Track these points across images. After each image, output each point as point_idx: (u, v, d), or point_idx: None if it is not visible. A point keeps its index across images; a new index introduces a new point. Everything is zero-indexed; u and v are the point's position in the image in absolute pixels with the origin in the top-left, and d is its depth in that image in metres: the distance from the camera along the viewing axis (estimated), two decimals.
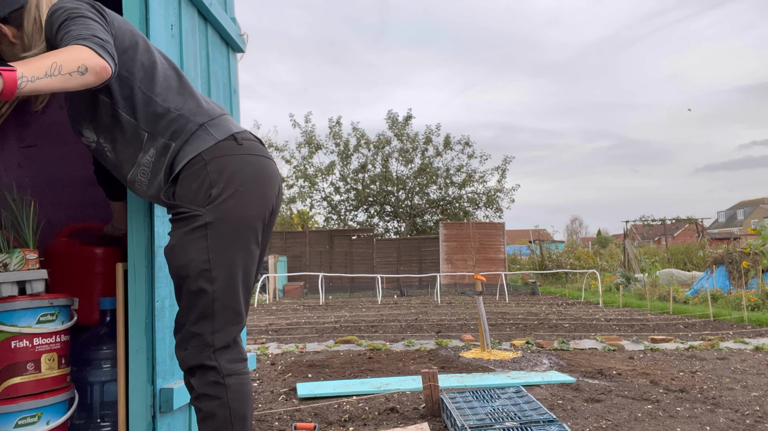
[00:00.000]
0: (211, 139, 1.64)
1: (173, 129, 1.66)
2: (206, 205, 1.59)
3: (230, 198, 1.60)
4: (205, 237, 1.58)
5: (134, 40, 1.72)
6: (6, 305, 2.18)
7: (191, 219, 1.60)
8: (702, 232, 24.09)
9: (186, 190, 1.62)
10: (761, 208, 55.91)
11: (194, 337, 1.61)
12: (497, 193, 24.20)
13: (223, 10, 2.87)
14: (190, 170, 1.63)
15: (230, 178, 1.61)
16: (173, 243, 1.65)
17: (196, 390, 1.64)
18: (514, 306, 11.77)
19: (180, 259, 1.61)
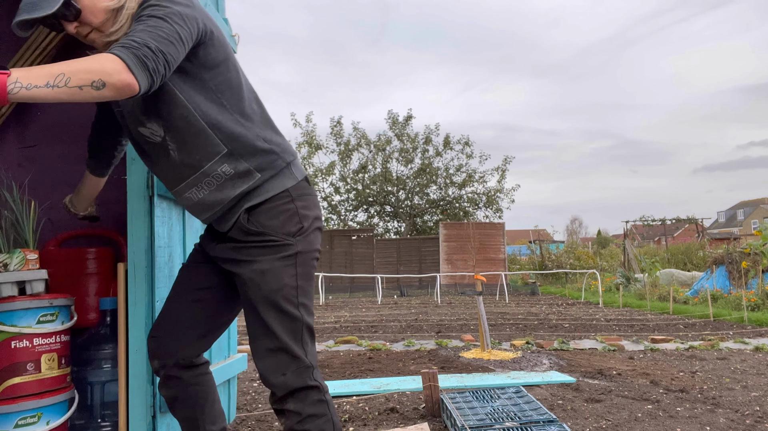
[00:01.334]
0: (293, 178, 1.76)
1: (261, 160, 1.70)
2: (296, 236, 1.71)
3: (312, 232, 1.76)
4: (295, 266, 1.70)
5: (227, 53, 1.70)
6: (6, 305, 2.18)
7: (283, 248, 1.69)
8: (702, 232, 24.09)
9: (275, 221, 1.70)
10: (761, 208, 55.94)
11: (293, 361, 1.67)
12: (497, 193, 24.20)
13: (215, 10, 2.87)
14: (276, 202, 1.71)
15: (312, 215, 1.77)
16: (265, 268, 1.66)
17: (303, 413, 1.66)
18: (514, 307, 11.77)
19: (272, 284, 1.67)
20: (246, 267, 1.67)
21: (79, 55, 3.08)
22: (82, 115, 3.09)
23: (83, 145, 3.16)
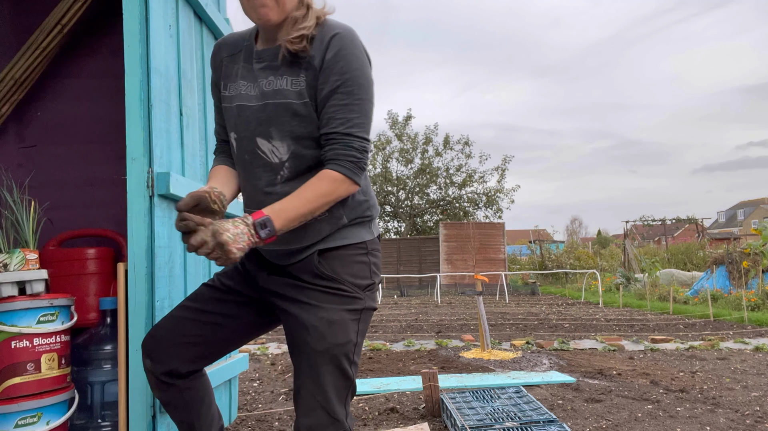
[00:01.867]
0: (371, 233, 1.70)
1: (354, 209, 1.64)
2: (365, 291, 1.64)
3: (376, 289, 1.72)
4: (358, 322, 1.61)
5: None
6: (6, 305, 2.18)
7: (352, 300, 1.60)
8: (702, 232, 24.09)
9: (348, 270, 1.61)
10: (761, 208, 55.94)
11: (334, 423, 1.55)
12: (497, 193, 24.21)
13: (217, 10, 2.87)
14: (352, 251, 1.64)
15: (379, 273, 1.72)
16: (334, 318, 1.55)
17: None
18: (514, 307, 11.77)
19: (339, 337, 1.56)
20: (310, 311, 1.55)
21: (79, 55, 3.10)
22: (82, 115, 3.09)
23: (83, 145, 3.18)
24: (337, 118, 1.50)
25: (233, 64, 1.65)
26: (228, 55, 1.68)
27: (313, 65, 1.51)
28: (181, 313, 1.72)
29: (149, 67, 2.11)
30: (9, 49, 2.98)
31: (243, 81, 1.61)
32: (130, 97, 2.08)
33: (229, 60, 1.67)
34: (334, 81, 1.49)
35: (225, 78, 1.66)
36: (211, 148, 2.73)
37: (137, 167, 2.09)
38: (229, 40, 1.71)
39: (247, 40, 1.65)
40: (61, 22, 2.69)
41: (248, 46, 1.63)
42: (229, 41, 1.70)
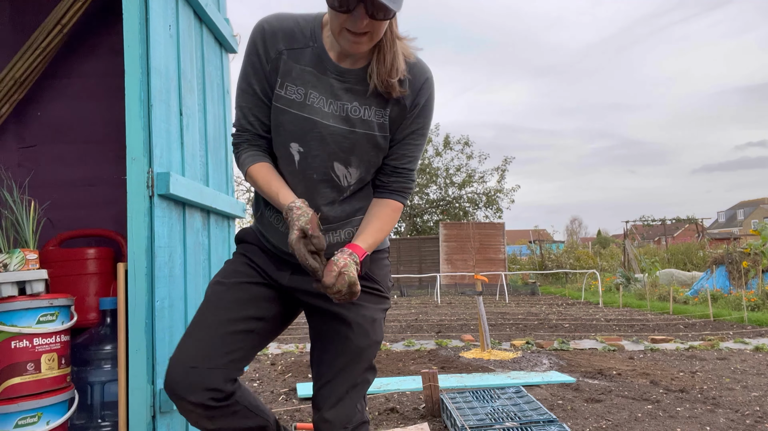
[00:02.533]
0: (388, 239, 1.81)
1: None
2: (389, 291, 1.77)
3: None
4: (383, 320, 1.72)
5: None
6: (6, 305, 2.18)
7: (384, 301, 1.72)
8: (702, 232, 24.08)
9: (381, 272, 1.72)
10: (761, 208, 55.92)
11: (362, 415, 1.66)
12: (497, 194, 24.21)
13: (217, 10, 2.87)
14: (381, 256, 1.75)
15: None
16: (376, 317, 1.65)
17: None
18: (514, 307, 11.77)
19: (378, 335, 1.67)
20: (352, 309, 1.59)
21: (79, 55, 3.10)
22: (82, 115, 3.09)
23: (83, 145, 3.18)
24: (408, 155, 1.62)
25: (295, 63, 1.52)
26: (288, 48, 1.52)
27: (403, 104, 1.54)
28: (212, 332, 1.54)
29: (149, 67, 2.11)
30: (9, 49, 2.98)
31: (315, 92, 1.51)
32: (130, 97, 2.07)
33: (290, 56, 1.52)
34: (418, 123, 1.58)
35: (284, 75, 1.52)
36: (211, 148, 2.73)
37: (137, 167, 2.09)
38: (284, 26, 1.53)
39: (311, 40, 1.52)
40: (61, 22, 2.69)
41: (318, 51, 1.52)
42: (286, 29, 1.53)
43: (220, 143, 2.90)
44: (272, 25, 1.54)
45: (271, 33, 1.53)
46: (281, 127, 1.54)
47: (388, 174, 1.63)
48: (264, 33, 1.53)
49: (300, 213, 1.44)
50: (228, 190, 2.98)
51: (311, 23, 1.54)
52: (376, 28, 1.38)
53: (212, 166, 2.74)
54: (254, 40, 1.54)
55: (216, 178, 2.80)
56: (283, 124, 1.54)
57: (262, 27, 1.54)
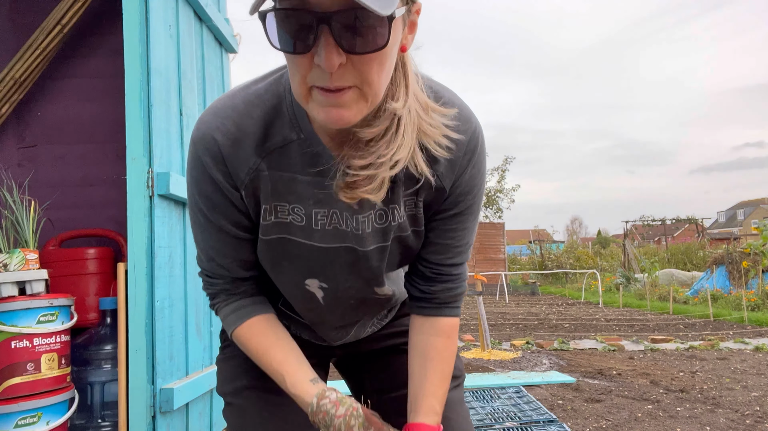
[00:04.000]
0: None
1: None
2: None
3: None
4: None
5: None
6: (6, 305, 2.18)
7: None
8: (702, 232, 24.08)
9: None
10: (761, 208, 55.91)
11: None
12: (497, 194, 24.22)
13: (217, 11, 2.87)
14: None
15: None
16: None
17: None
18: (514, 307, 11.76)
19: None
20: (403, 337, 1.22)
21: (79, 55, 3.10)
22: (82, 115, 3.09)
23: (83, 145, 3.18)
24: (455, 246, 1.07)
25: (280, 172, 0.96)
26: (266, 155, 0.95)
27: (440, 186, 1.00)
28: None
29: (149, 67, 2.11)
30: (9, 49, 2.98)
31: (320, 209, 0.99)
32: (130, 97, 2.08)
33: (271, 164, 0.96)
34: (463, 204, 1.04)
35: (269, 198, 0.98)
36: None
37: (137, 167, 2.09)
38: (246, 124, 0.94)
39: (293, 127, 0.94)
40: (61, 22, 2.69)
41: (308, 142, 0.94)
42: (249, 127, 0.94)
43: None
44: (228, 131, 0.93)
45: (231, 144, 0.93)
46: (282, 265, 1.06)
47: (430, 278, 1.09)
48: (220, 148, 0.93)
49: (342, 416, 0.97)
50: None
51: (281, 95, 0.94)
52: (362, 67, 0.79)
53: None
54: (204, 163, 0.95)
55: None
56: (283, 261, 1.05)
57: (212, 139, 0.93)
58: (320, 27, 0.74)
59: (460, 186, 1.01)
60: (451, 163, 0.99)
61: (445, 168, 0.99)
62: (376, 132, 0.88)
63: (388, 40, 0.77)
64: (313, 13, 0.74)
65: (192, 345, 2.39)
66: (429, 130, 0.93)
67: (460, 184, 1.01)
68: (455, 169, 1.00)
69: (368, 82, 0.80)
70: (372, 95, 0.82)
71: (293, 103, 0.94)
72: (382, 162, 0.88)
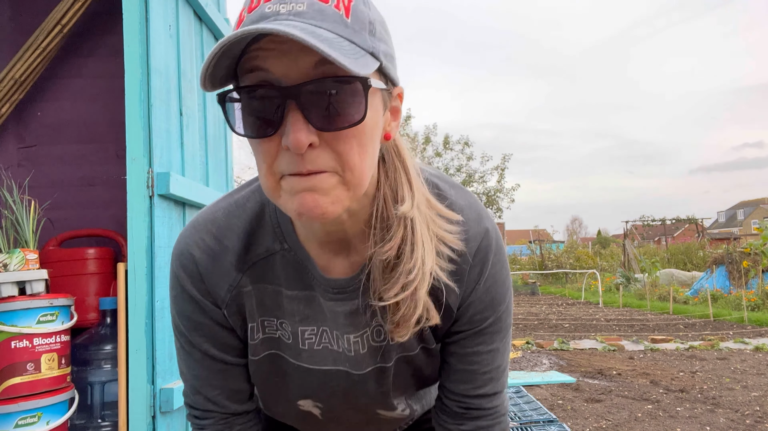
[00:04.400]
0: None
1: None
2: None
3: None
4: None
5: None
6: (6, 305, 2.18)
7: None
8: (702, 232, 24.08)
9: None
10: (761, 208, 55.92)
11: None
12: (497, 193, 24.24)
13: (217, 10, 2.87)
14: None
15: None
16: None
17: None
18: (514, 306, 11.77)
19: None
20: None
21: (79, 55, 3.10)
22: (82, 115, 3.09)
23: (83, 145, 3.18)
24: (482, 372, 0.90)
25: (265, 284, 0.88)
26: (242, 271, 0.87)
27: (444, 302, 0.85)
28: None
29: (149, 67, 2.11)
30: (9, 49, 2.98)
31: (307, 326, 0.89)
32: (130, 97, 2.08)
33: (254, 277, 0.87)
34: (479, 321, 0.88)
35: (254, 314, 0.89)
36: (211, 147, 2.73)
37: (137, 167, 2.09)
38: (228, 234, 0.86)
39: (276, 236, 0.85)
40: (61, 23, 2.69)
41: (293, 253, 0.85)
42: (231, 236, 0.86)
43: (220, 143, 2.90)
44: (206, 246, 0.86)
45: (210, 260, 0.86)
46: (272, 382, 0.95)
47: (458, 413, 0.92)
48: (197, 265, 0.86)
49: None
50: (228, 190, 2.98)
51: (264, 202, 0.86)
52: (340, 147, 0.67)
53: (212, 165, 2.75)
54: (181, 280, 0.88)
55: (216, 178, 2.80)
56: (274, 378, 0.94)
57: (189, 255, 0.86)
58: (287, 103, 0.64)
59: (473, 305, 0.86)
60: (457, 278, 0.84)
61: (450, 284, 0.83)
62: (393, 246, 0.76)
63: (365, 114, 0.66)
64: (278, 89, 0.64)
65: None
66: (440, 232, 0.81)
67: (473, 303, 0.86)
68: (463, 285, 0.85)
69: (349, 165, 0.67)
70: (354, 183, 0.69)
71: (277, 210, 0.84)
72: (415, 276, 0.75)
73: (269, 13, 0.63)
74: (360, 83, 0.64)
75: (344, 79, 0.63)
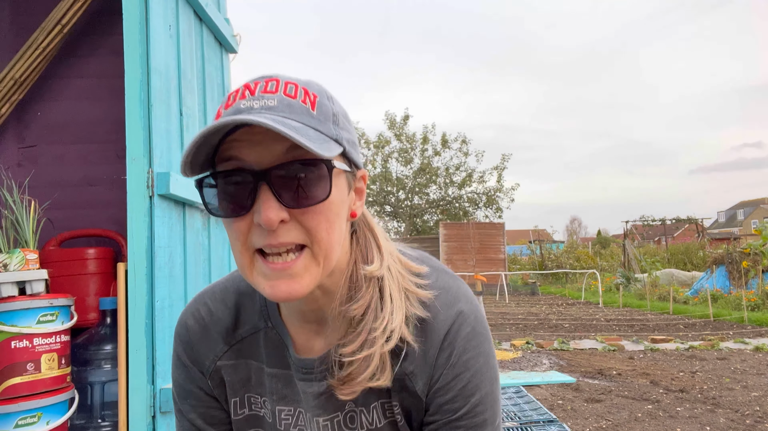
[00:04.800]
0: None
1: None
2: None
3: None
4: None
5: None
6: (6, 305, 2.18)
7: None
8: (702, 232, 24.09)
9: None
10: (761, 208, 55.93)
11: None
12: (497, 193, 24.24)
13: (217, 10, 2.87)
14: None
15: None
16: None
17: None
18: (514, 307, 11.76)
19: None
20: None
21: (79, 55, 3.10)
22: (82, 115, 3.09)
23: (83, 145, 3.18)
24: None
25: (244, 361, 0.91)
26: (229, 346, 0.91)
27: (413, 390, 0.83)
28: None
29: (149, 67, 2.11)
30: (9, 49, 2.98)
31: (284, 406, 0.90)
32: (130, 97, 2.08)
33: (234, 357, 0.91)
34: (450, 411, 0.82)
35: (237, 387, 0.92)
36: None
37: (137, 167, 2.09)
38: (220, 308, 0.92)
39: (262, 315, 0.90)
40: (61, 22, 2.69)
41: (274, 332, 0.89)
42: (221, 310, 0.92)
43: None
44: (199, 317, 0.92)
45: (200, 330, 0.92)
46: None
47: None
48: (189, 334, 0.92)
49: None
50: None
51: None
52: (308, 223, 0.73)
53: None
54: (176, 348, 0.95)
55: None
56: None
57: (184, 324, 0.93)
58: (259, 184, 0.70)
59: (441, 391, 0.81)
60: (424, 359, 0.81)
61: (417, 366, 0.81)
62: (362, 305, 0.78)
63: (330, 192, 0.72)
64: (251, 172, 0.71)
65: None
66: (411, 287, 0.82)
67: (441, 389, 0.81)
68: (429, 369, 0.81)
69: (317, 239, 0.73)
70: (323, 256, 0.74)
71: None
72: (375, 337, 0.76)
73: (244, 108, 0.70)
74: (325, 165, 0.71)
75: (311, 161, 0.70)
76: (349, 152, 0.77)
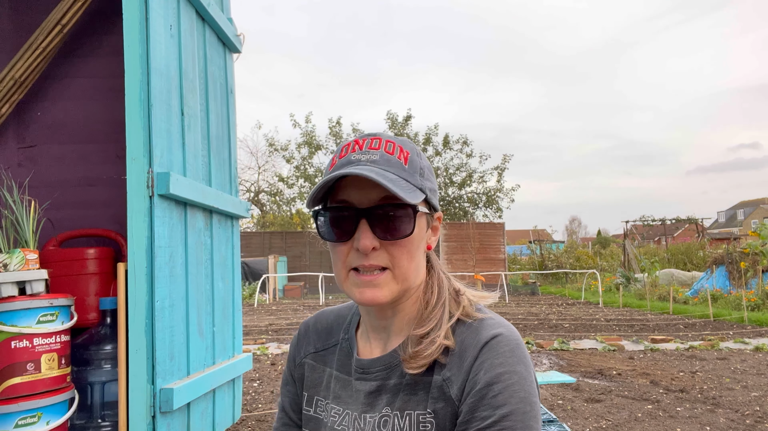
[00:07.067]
0: None
1: None
2: None
3: None
4: None
5: None
6: (6, 305, 2.18)
7: None
8: (702, 232, 24.09)
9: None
10: (761, 208, 55.94)
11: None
12: (497, 193, 24.24)
13: (219, 10, 2.87)
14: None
15: None
16: None
17: None
18: (514, 307, 11.76)
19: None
20: None
21: (79, 55, 3.10)
22: (82, 115, 3.09)
23: (83, 145, 3.18)
24: None
25: (323, 366, 1.09)
26: (316, 350, 1.11)
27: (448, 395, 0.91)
28: None
29: (149, 67, 2.11)
30: (9, 49, 2.98)
31: (337, 406, 1.03)
32: (130, 97, 2.08)
33: (317, 359, 1.10)
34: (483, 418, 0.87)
35: (310, 388, 1.09)
36: (213, 147, 2.73)
37: (137, 167, 2.09)
38: (321, 321, 1.15)
39: (345, 331, 1.09)
40: (61, 22, 2.69)
41: (347, 344, 1.06)
42: (322, 324, 1.14)
43: (223, 143, 2.90)
44: (307, 323, 1.17)
45: (304, 332, 1.15)
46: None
47: None
48: (299, 334, 1.17)
49: None
50: (231, 190, 2.98)
51: (353, 309, 1.12)
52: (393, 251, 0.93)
53: (215, 165, 2.74)
54: (292, 341, 1.19)
55: (219, 178, 2.80)
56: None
57: (299, 327, 1.19)
58: (360, 219, 0.92)
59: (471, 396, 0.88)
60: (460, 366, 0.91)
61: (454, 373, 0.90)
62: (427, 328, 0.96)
63: (414, 230, 0.93)
64: (354, 209, 0.93)
65: (193, 345, 2.39)
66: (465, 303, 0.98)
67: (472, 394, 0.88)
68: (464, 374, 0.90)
69: (399, 265, 0.94)
70: (402, 278, 0.95)
71: (355, 312, 1.10)
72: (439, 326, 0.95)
73: (354, 160, 0.93)
74: (411, 209, 0.92)
75: (400, 205, 0.91)
76: (430, 198, 0.98)
